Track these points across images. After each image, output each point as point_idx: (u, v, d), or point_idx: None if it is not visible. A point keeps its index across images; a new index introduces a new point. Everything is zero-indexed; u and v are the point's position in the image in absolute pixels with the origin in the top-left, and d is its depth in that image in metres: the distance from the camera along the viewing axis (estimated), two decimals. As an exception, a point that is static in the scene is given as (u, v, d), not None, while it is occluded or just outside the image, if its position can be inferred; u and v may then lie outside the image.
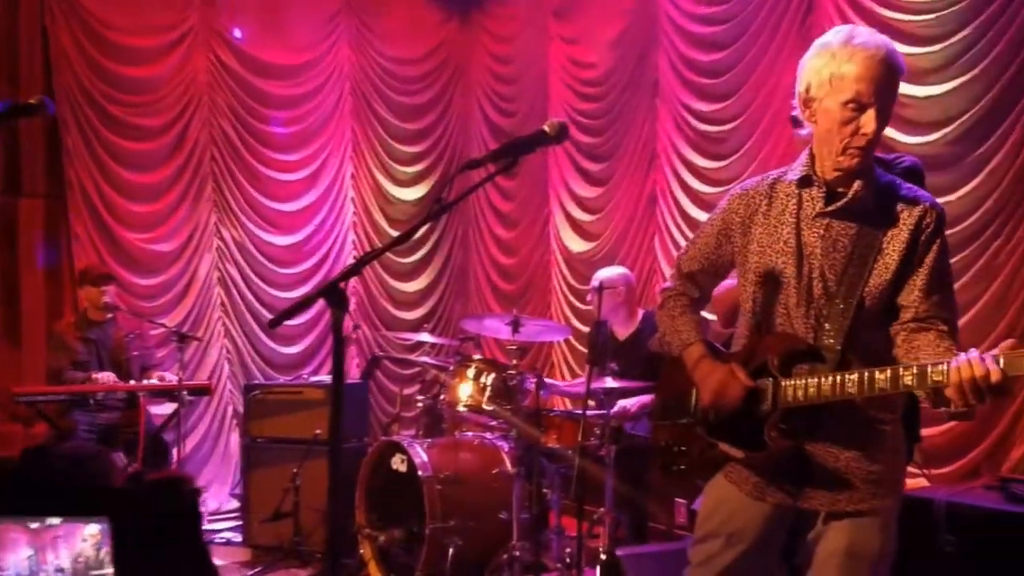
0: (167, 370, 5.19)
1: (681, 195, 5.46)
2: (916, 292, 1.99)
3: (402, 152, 6.97)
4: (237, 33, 6.27)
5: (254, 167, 6.38)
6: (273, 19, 6.43)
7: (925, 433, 3.71)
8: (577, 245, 6.22)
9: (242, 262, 6.36)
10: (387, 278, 6.95)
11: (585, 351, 5.50)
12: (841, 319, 1.99)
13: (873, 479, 2.05)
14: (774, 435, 2.01)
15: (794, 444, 2.03)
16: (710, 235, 2.25)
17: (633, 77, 5.78)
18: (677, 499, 4.38)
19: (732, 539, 2.16)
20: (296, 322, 6.41)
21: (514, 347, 4.29)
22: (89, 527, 2.03)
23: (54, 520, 2.03)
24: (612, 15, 5.90)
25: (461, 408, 4.30)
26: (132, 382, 4.95)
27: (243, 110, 6.32)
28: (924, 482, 3.73)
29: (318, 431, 4.74)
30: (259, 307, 6.35)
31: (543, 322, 5.25)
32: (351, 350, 6.65)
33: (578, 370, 5.92)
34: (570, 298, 6.20)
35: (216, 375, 6.17)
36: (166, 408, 5.13)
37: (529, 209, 6.64)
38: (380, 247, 1.95)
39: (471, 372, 4.28)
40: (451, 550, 4.03)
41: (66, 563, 2.01)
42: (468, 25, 7.06)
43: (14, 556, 2.00)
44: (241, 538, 5.21)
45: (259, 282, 6.40)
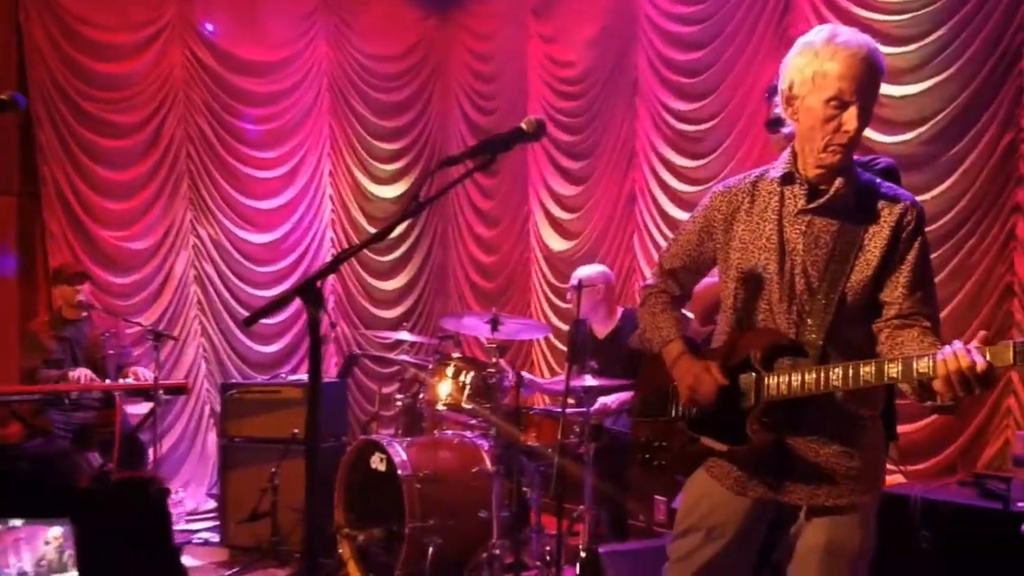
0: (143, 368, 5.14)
1: (660, 194, 5.48)
2: (900, 289, 2.01)
3: (381, 149, 6.94)
4: (209, 27, 6.20)
5: (231, 164, 6.33)
6: (250, 15, 6.38)
7: (902, 430, 3.74)
8: (557, 243, 6.23)
9: (219, 260, 6.31)
10: (366, 276, 6.92)
11: (565, 349, 5.51)
12: (823, 314, 2.01)
13: (853, 475, 2.07)
14: (756, 428, 2.03)
15: (776, 437, 2.04)
16: (692, 232, 2.26)
17: (612, 76, 5.79)
18: (657, 496, 4.39)
19: (713, 533, 2.17)
20: (273, 321, 6.37)
21: (493, 345, 4.28)
22: (52, 529, 1.98)
23: (16, 522, 1.98)
24: (591, 13, 5.91)
25: (440, 407, 4.29)
26: (108, 381, 4.90)
27: (219, 107, 6.27)
28: (900, 478, 3.76)
29: (296, 430, 4.71)
30: (236, 305, 6.30)
31: (523, 320, 5.25)
32: (329, 349, 6.62)
33: (558, 368, 5.92)
34: (550, 296, 6.21)
35: (193, 374, 6.12)
36: (142, 407, 5.09)
37: (509, 207, 6.63)
38: (357, 244, 1.93)
39: (450, 370, 4.28)
40: (431, 549, 4.02)
41: (28, 566, 1.97)
42: (447, 22, 7.05)
43: (-27, 559, 1.96)
44: (219, 538, 5.17)
45: (236, 280, 6.36)
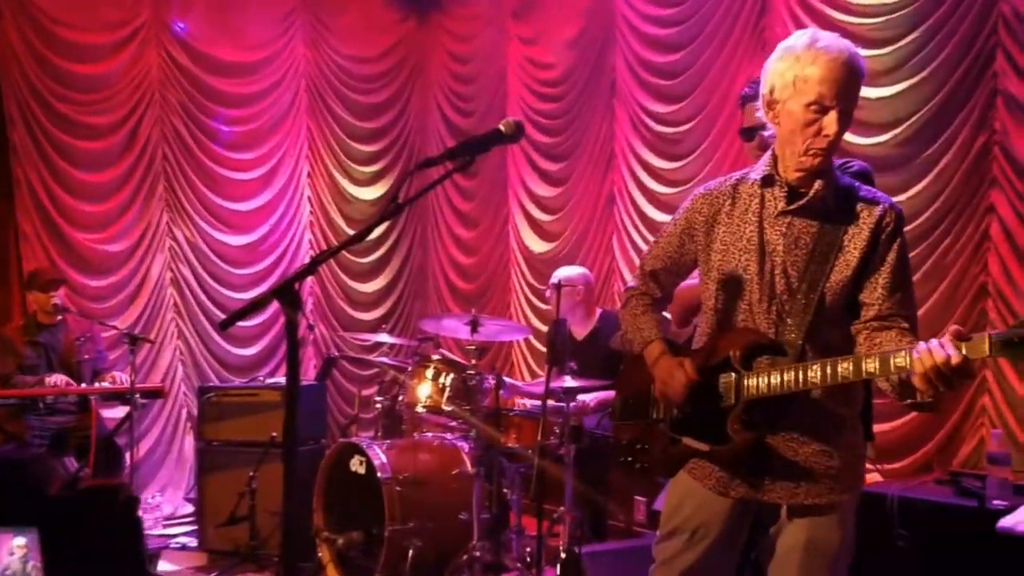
0: (120, 372, 5.08)
1: (639, 195, 5.49)
2: (879, 291, 2.03)
3: (359, 151, 6.92)
4: (180, 26, 6.13)
5: (207, 166, 6.29)
6: (226, 16, 6.34)
7: (878, 429, 3.78)
8: (537, 245, 6.23)
9: (195, 262, 6.27)
10: (344, 278, 6.89)
11: (545, 350, 5.51)
12: (803, 314, 2.02)
13: (832, 474, 2.08)
14: (737, 428, 2.04)
15: (757, 437, 2.06)
16: (673, 234, 2.27)
17: (591, 78, 5.80)
18: (636, 497, 4.40)
19: (696, 534, 2.18)
20: (251, 323, 6.33)
21: (473, 347, 4.28)
22: (17, 539, 1.94)
23: (-19, 530, 1.94)
24: (570, 16, 5.92)
25: (420, 409, 4.28)
26: (83, 385, 4.85)
27: (196, 108, 6.22)
28: (877, 477, 3.80)
29: (274, 434, 4.68)
30: (213, 308, 6.26)
31: (502, 322, 5.25)
32: (308, 351, 6.59)
33: (538, 370, 5.92)
34: (530, 297, 6.21)
35: (169, 378, 6.08)
36: (118, 412, 5.04)
37: (488, 209, 6.63)
38: (335, 246, 1.93)
39: (430, 372, 4.27)
40: (411, 552, 4.01)
41: (-9, 577, 1.93)
42: (426, 24, 7.03)
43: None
44: (196, 543, 5.13)
45: (213, 283, 6.32)
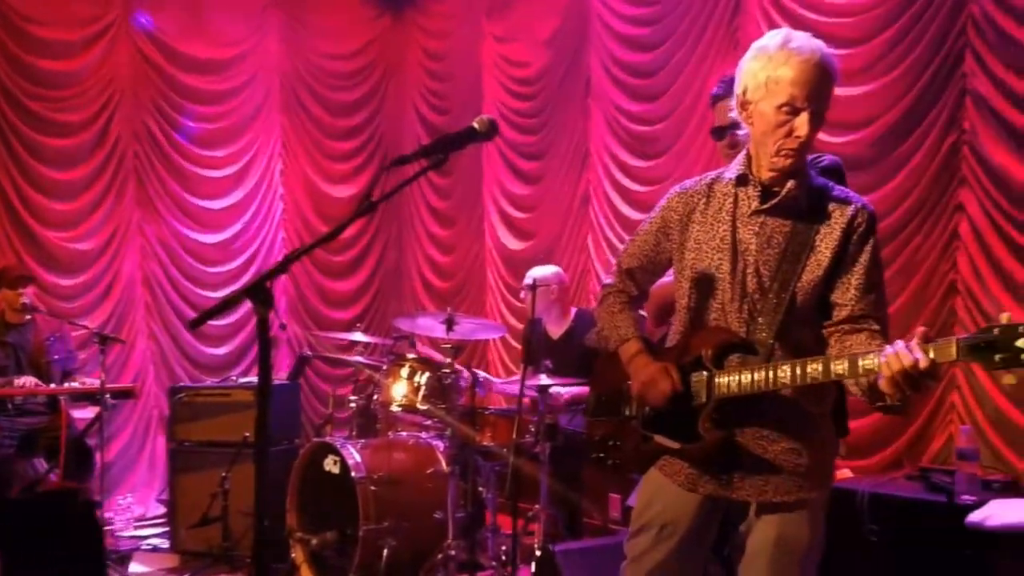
0: (89, 373, 5.03)
1: (614, 194, 5.50)
2: (852, 291, 2.03)
3: (334, 149, 6.88)
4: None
5: (179, 163, 6.23)
6: (199, 12, 6.29)
7: (849, 424, 3.81)
8: (512, 243, 6.23)
9: (167, 261, 6.21)
10: (319, 277, 6.85)
11: (521, 349, 5.51)
12: (774, 314, 2.03)
13: (801, 471, 2.09)
14: (708, 426, 2.05)
15: (727, 434, 2.07)
16: (649, 233, 2.28)
17: (566, 76, 5.81)
18: (611, 494, 4.42)
19: (665, 531, 2.19)
20: (224, 322, 6.28)
21: (449, 346, 4.27)
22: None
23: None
24: (545, 14, 5.92)
25: (395, 408, 4.27)
26: (52, 385, 4.78)
27: (167, 105, 6.17)
28: (848, 473, 3.83)
29: (247, 434, 4.64)
30: (185, 307, 6.20)
31: (478, 320, 5.24)
32: (282, 351, 6.55)
33: (514, 368, 5.92)
34: (507, 296, 6.20)
35: (141, 377, 6.01)
36: (88, 412, 4.98)
37: (464, 207, 6.62)
38: (308, 244, 1.92)
39: (405, 371, 4.26)
40: (385, 551, 4.00)
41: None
42: (401, 22, 7.01)
43: None
44: (168, 544, 5.09)
45: (185, 282, 6.26)
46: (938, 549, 3.18)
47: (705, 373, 2.07)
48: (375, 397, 4.52)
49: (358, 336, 5.02)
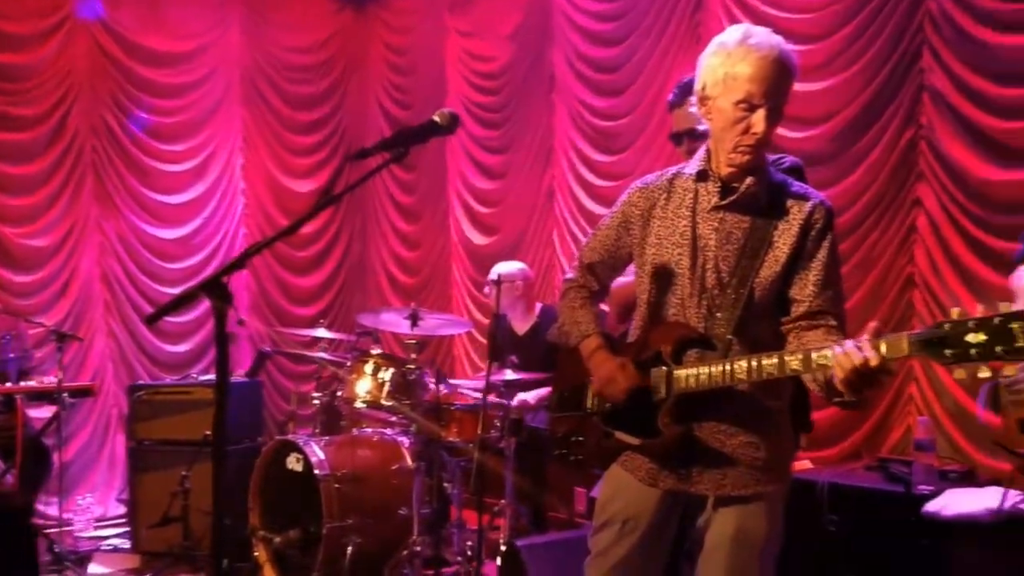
0: (47, 372, 4.94)
1: (578, 189, 5.51)
2: (810, 287, 2.04)
3: (296, 143, 6.80)
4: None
5: (138, 158, 6.13)
6: (157, 5, 6.19)
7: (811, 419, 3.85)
8: (478, 238, 6.21)
9: (126, 257, 6.11)
10: (282, 272, 6.79)
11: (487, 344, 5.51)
12: (732, 309, 2.04)
13: (759, 465, 2.11)
14: (667, 421, 2.05)
15: (686, 429, 2.07)
16: (610, 228, 2.28)
17: (530, 71, 5.80)
18: (576, 488, 4.43)
19: (627, 526, 2.20)
20: (184, 319, 6.20)
21: (413, 341, 4.25)
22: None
23: None
24: (508, 9, 5.91)
25: (359, 404, 4.23)
26: (8, 384, 4.69)
27: (126, 98, 6.07)
28: (808, 464, 3.87)
29: (207, 432, 4.57)
30: (144, 304, 6.09)
31: (443, 316, 5.21)
32: (244, 348, 6.47)
33: (481, 364, 5.91)
34: (473, 291, 6.19)
35: (99, 376, 5.91)
36: (46, 412, 4.89)
37: (429, 202, 6.59)
38: (265, 239, 1.89)
39: (369, 367, 4.22)
40: (349, 549, 3.97)
41: None
42: (363, 16, 6.95)
43: None
44: (129, 544, 5.03)
45: (144, 278, 6.16)
46: (896, 538, 3.23)
47: (664, 368, 2.07)
48: (339, 394, 4.48)
49: (322, 332, 4.98)
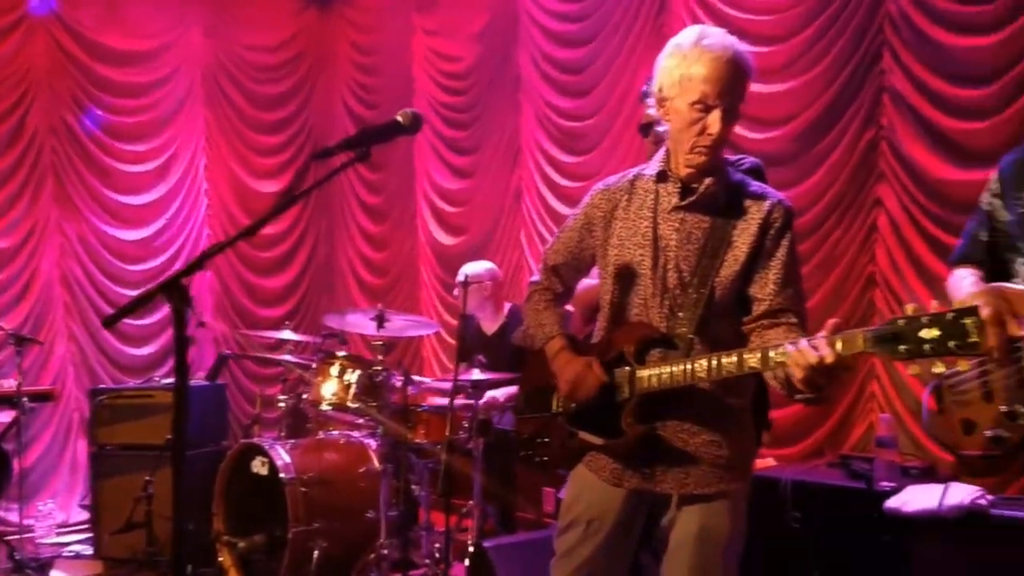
0: (6, 376, 4.86)
1: (545, 190, 5.51)
2: (770, 286, 2.06)
3: (260, 143, 6.74)
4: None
5: (99, 158, 6.06)
6: (116, 3, 6.10)
7: (771, 415, 3.89)
8: (445, 239, 6.19)
9: (86, 259, 6.03)
10: (247, 274, 6.72)
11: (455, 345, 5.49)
12: (694, 308, 2.05)
13: (722, 463, 2.12)
14: (630, 421, 2.06)
15: (649, 429, 2.08)
16: (574, 229, 2.29)
17: (496, 72, 5.79)
18: (545, 488, 4.43)
19: (592, 526, 2.20)
20: (146, 322, 6.13)
21: (380, 343, 4.22)
22: None
23: None
24: (475, 9, 5.89)
25: (325, 407, 4.21)
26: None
27: (86, 98, 5.98)
28: (771, 462, 3.90)
29: (170, 436, 4.52)
30: (105, 306, 6.01)
31: (410, 317, 5.19)
32: (208, 350, 6.40)
33: (449, 365, 5.88)
34: (441, 292, 6.16)
35: (60, 380, 5.83)
36: (5, 416, 4.82)
37: (396, 202, 6.55)
38: (226, 240, 1.87)
39: (335, 369, 4.20)
40: (316, 553, 3.94)
41: None
42: (328, 14, 6.90)
43: None
44: (92, 551, 4.97)
45: (105, 280, 6.08)
46: (858, 534, 3.27)
47: (628, 368, 2.08)
48: (305, 396, 4.44)
49: (287, 334, 4.94)
